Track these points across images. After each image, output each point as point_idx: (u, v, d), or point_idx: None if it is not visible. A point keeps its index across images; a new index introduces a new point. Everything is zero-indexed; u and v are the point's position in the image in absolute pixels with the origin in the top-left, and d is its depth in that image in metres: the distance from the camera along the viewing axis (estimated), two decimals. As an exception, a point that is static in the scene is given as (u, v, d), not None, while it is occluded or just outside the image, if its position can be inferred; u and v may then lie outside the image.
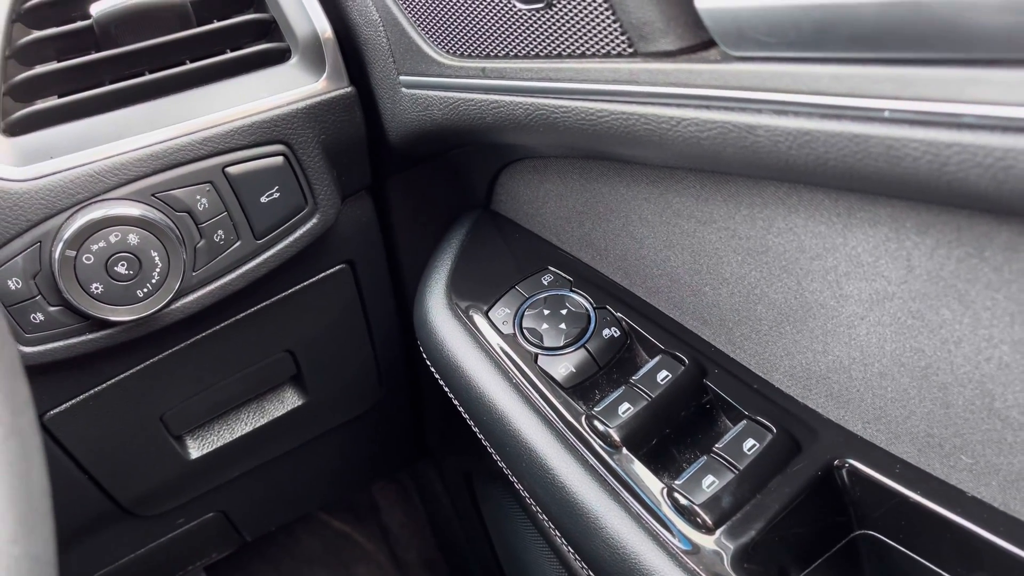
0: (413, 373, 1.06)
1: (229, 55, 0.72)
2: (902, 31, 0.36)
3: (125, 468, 0.86)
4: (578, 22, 0.52)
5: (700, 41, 0.47)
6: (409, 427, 1.19)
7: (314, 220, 0.76)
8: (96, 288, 0.66)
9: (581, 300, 0.72)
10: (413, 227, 0.91)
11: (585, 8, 0.51)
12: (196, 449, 0.90)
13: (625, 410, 0.62)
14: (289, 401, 0.94)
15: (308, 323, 0.88)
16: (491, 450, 0.72)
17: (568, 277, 0.75)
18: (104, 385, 0.76)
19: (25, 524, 0.31)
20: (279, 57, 0.74)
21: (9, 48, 0.66)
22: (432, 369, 0.78)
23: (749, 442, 0.59)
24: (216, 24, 0.72)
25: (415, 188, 0.89)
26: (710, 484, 0.57)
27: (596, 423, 0.62)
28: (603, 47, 0.52)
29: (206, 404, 0.88)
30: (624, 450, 0.61)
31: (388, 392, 1.05)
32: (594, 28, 0.52)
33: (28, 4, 0.67)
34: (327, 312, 0.88)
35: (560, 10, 0.53)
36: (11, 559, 0.29)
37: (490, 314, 0.74)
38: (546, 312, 0.72)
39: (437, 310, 0.76)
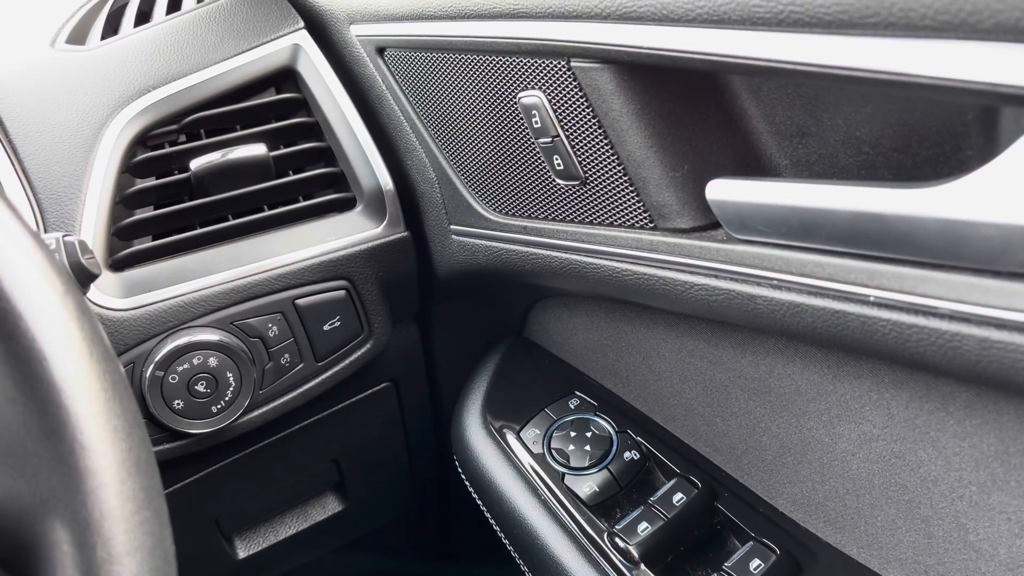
0: (444, 483, 1.12)
1: (302, 203, 0.81)
2: (868, 235, 0.45)
3: (179, 566, 0.92)
4: (608, 199, 0.62)
5: (709, 222, 0.57)
6: (436, 533, 1.25)
7: (368, 345, 0.84)
8: (178, 404, 0.74)
9: (604, 424, 0.79)
10: (453, 351, 0.98)
11: (614, 189, 0.61)
12: (244, 549, 0.96)
13: (644, 529, 0.68)
14: (330, 506, 1.00)
15: (354, 435, 0.94)
16: (519, 561, 0.77)
17: (593, 402, 0.81)
18: (171, 489, 0.83)
19: None
20: (346, 205, 0.83)
21: (118, 195, 0.77)
22: (467, 483, 0.84)
23: (755, 562, 0.65)
24: (292, 176, 0.81)
25: (456, 316, 0.97)
26: (720, 601, 0.63)
27: (617, 540, 0.68)
28: (628, 220, 0.61)
29: (257, 508, 0.94)
30: (643, 566, 0.66)
31: (419, 500, 1.11)
32: (621, 205, 0.61)
33: (137, 159, 0.77)
34: (371, 426, 0.95)
35: (593, 188, 0.63)
36: None
37: (521, 434, 0.80)
38: (572, 434, 0.78)
39: (473, 429, 0.83)
